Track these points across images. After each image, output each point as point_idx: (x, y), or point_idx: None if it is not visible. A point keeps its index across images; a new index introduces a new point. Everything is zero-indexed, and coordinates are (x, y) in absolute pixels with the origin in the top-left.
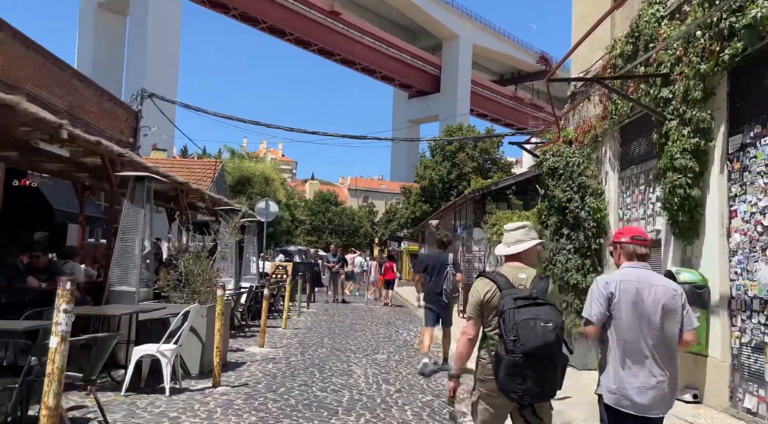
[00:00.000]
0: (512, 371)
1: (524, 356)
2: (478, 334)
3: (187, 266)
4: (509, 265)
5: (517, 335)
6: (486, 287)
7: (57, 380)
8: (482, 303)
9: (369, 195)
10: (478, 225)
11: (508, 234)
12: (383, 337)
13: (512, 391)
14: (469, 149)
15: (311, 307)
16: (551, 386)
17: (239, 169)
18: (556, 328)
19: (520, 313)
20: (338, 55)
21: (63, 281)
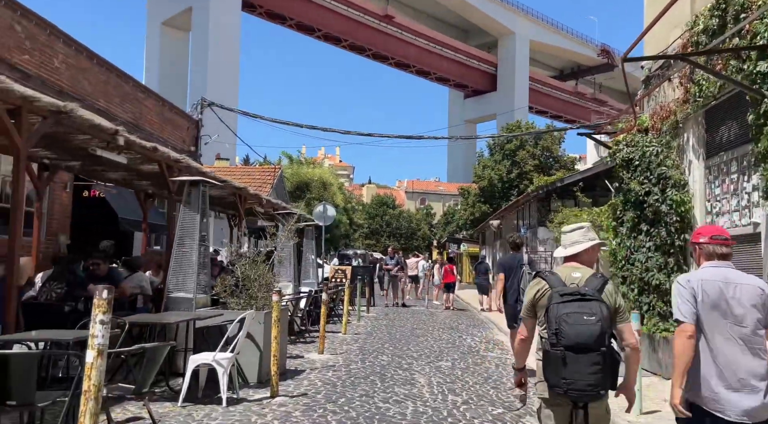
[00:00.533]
0: (556, 364)
1: (566, 349)
2: (531, 334)
3: (244, 271)
4: (565, 265)
5: (559, 328)
6: (537, 287)
7: (94, 397)
8: (534, 303)
9: (426, 197)
10: (543, 224)
11: (565, 236)
12: (446, 342)
13: (557, 385)
14: (530, 147)
15: (371, 311)
16: (600, 381)
17: (297, 175)
18: (600, 321)
19: (563, 307)
20: (392, 59)
21: (99, 290)
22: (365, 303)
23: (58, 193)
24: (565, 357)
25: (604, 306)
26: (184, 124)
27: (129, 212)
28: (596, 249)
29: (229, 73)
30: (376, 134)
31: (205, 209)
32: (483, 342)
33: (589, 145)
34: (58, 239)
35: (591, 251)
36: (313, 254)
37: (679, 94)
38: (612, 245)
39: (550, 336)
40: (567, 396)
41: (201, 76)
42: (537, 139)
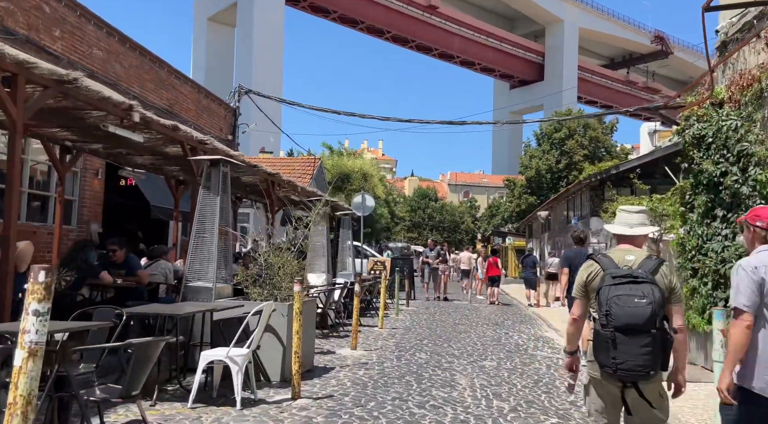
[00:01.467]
0: (606, 345)
1: (616, 330)
2: (583, 314)
3: (268, 259)
4: (619, 247)
5: (609, 310)
6: (589, 269)
7: (21, 412)
8: (585, 284)
9: (470, 190)
10: (596, 214)
11: (629, 214)
12: (491, 340)
13: (607, 365)
14: (579, 136)
15: (411, 305)
16: (649, 362)
17: (338, 166)
18: (651, 304)
19: (615, 289)
20: (436, 50)
21: (35, 271)
22: (405, 296)
23: (89, 179)
24: (615, 338)
25: (657, 288)
26: (221, 112)
27: (161, 199)
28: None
29: (273, 67)
30: (416, 120)
31: (226, 192)
32: (531, 340)
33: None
34: (90, 226)
35: (646, 238)
36: (350, 245)
37: (765, 58)
38: (680, 234)
39: (601, 317)
40: (616, 376)
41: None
42: (587, 128)
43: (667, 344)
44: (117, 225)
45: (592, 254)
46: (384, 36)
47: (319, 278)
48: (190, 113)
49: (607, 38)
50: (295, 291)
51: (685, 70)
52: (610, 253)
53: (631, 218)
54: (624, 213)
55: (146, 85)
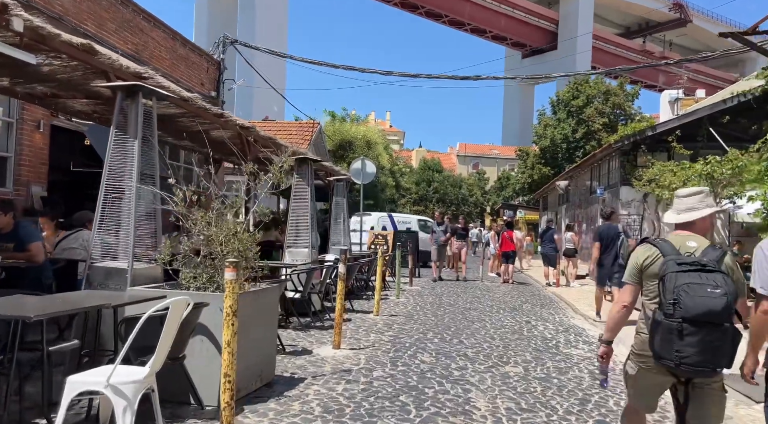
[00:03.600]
0: (669, 337)
1: (684, 321)
2: (634, 301)
3: (208, 231)
4: (677, 233)
5: (677, 299)
6: (647, 253)
7: None
8: (641, 269)
9: (479, 161)
10: (628, 183)
11: (679, 200)
12: (511, 331)
13: (668, 358)
14: (599, 103)
15: (415, 283)
16: (716, 358)
17: (339, 133)
18: (726, 295)
19: (683, 276)
20: (446, 17)
21: None
22: (407, 274)
23: (29, 132)
24: (682, 330)
25: (729, 279)
26: (203, 64)
27: None
28: (713, 217)
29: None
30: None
31: (153, 135)
32: (559, 331)
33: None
34: (30, 189)
35: (707, 221)
36: (345, 217)
37: None
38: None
39: (666, 306)
40: (678, 370)
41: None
42: (608, 94)
43: (737, 339)
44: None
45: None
46: (393, 2)
47: (297, 255)
48: (163, 63)
49: (623, 5)
50: (227, 280)
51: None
52: (669, 238)
53: (680, 204)
54: (676, 199)
55: (105, 25)
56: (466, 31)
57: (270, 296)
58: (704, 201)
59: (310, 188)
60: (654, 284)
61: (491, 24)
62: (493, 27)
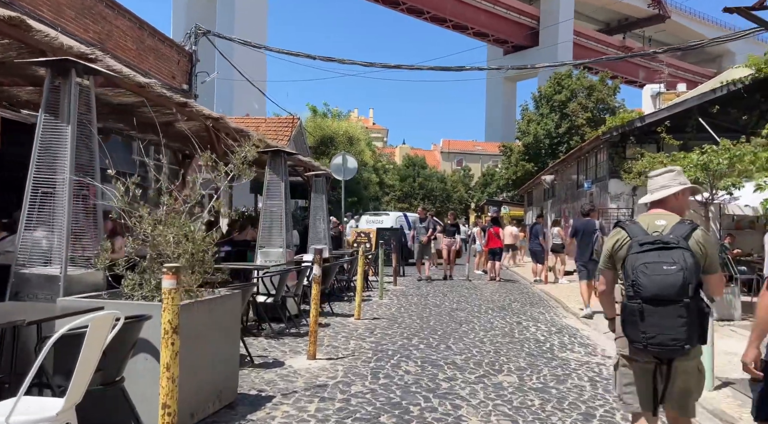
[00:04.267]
0: (633, 319)
1: (644, 301)
2: (610, 287)
3: (153, 231)
4: (649, 213)
5: (636, 280)
6: (616, 236)
7: None
8: (611, 254)
9: (463, 158)
10: (616, 175)
11: (652, 180)
12: (501, 333)
13: (636, 340)
14: (582, 98)
15: (399, 282)
16: (683, 335)
17: (320, 128)
18: (682, 270)
19: (642, 256)
20: (428, 13)
21: None
22: (392, 273)
23: None
24: (642, 310)
25: (689, 254)
26: (174, 56)
27: None
28: (686, 194)
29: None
30: (405, 66)
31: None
32: (553, 332)
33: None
34: None
35: (681, 196)
36: (324, 214)
37: None
38: None
39: (627, 288)
40: (648, 351)
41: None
42: (591, 90)
43: (704, 315)
44: None
45: (620, 221)
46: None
47: (271, 255)
48: (128, 53)
49: (602, 2)
50: (164, 289)
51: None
52: (639, 219)
53: (653, 183)
54: (649, 180)
55: (63, 11)
56: (448, 27)
57: (230, 304)
58: (676, 179)
59: (284, 183)
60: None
61: (472, 20)
62: (474, 23)
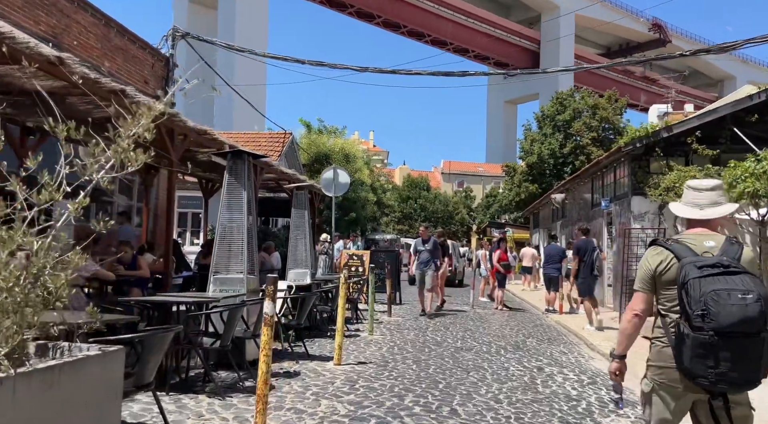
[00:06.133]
0: (701, 352)
1: (716, 334)
2: (647, 310)
3: None
4: (693, 231)
5: (707, 309)
6: (658, 258)
7: None
8: (654, 276)
9: (465, 179)
10: (640, 192)
11: (698, 193)
12: (521, 387)
13: (701, 376)
14: (587, 117)
15: (395, 312)
16: (754, 371)
17: (315, 145)
18: (760, 299)
19: (708, 282)
20: (429, 36)
21: None
22: (386, 301)
23: None
24: (715, 343)
25: (758, 280)
26: (148, 59)
27: None
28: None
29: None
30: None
31: None
32: (585, 383)
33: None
34: None
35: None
36: (306, 234)
37: None
38: None
39: (693, 318)
40: (716, 388)
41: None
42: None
43: None
44: None
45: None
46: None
47: (228, 283)
48: (91, 52)
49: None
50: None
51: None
52: (682, 238)
53: (701, 197)
54: (692, 191)
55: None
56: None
57: (100, 370)
58: (724, 196)
59: (246, 193)
60: (672, 291)
61: (473, 43)
62: (475, 46)
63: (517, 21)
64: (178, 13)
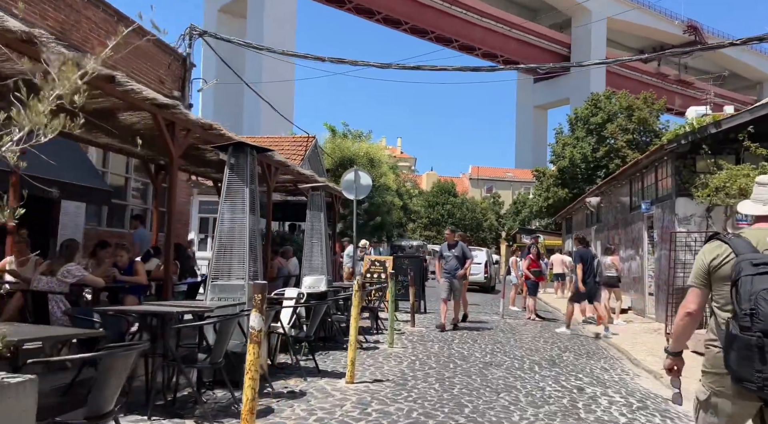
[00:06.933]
0: (747, 354)
1: (764, 335)
2: (700, 308)
3: None
4: (757, 226)
5: (755, 308)
6: (716, 251)
7: None
8: (708, 271)
9: (493, 185)
10: (685, 193)
11: (763, 188)
12: (561, 412)
13: (748, 380)
14: (622, 119)
15: (418, 322)
16: None
17: (339, 149)
18: None
19: (761, 280)
20: (457, 41)
21: None
22: (409, 310)
23: None
24: (763, 346)
25: None
26: (163, 58)
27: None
28: None
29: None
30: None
31: None
32: (634, 407)
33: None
34: None
35: None
36: (321, 236)
37: None
38: None
39: (741, 317)
40: (763, 394)
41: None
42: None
43: None
44: None
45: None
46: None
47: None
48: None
49: (636, 29)
50: None
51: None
52: (745, 233)
53: (765, 193)
54: (758, 187)
55: None
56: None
57: None
58: None
59: (248, 190)
60: (726, 289)
61: (502, 48)
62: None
63: (547, 25)
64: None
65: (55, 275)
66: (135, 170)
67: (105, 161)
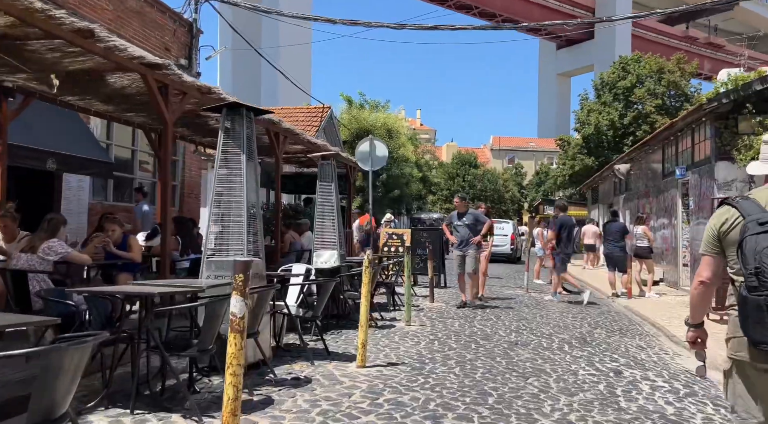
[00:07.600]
0: (759, 315)
1: None
2: (714, 276)
3: None
4: (765, 186)
5: (761, 267)
6: (724, 215)
7: None
8: (719, 237)
9: (515, 155)
10: (727, 157)
11: None
12: (598, 400)
13: (763, 341)
14: (651, 83)
15: (438, 297)
16: None
17: (356, 120)
18: None
19: (765, 239)
20: (476, 8)
21: None
22: (428, 284)
23: None
24: None
25: None
26: (167, 24)
27: None
28: None
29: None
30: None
31: None
32: (681, 393)
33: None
34: None
35: None
36: (333, 208)
37: None
38: None
39: (748, 277)
40: None
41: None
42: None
43: None
44: None
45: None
46: None
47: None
48: (103, 14)
49: None
50: None
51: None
52: (753, 194)
53: None
54: (766, 146)
55: None
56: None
57: None
58: None
59: (244, 156)
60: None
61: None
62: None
63: None
64: None
65: (36, 252)
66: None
67: (109, 133)
